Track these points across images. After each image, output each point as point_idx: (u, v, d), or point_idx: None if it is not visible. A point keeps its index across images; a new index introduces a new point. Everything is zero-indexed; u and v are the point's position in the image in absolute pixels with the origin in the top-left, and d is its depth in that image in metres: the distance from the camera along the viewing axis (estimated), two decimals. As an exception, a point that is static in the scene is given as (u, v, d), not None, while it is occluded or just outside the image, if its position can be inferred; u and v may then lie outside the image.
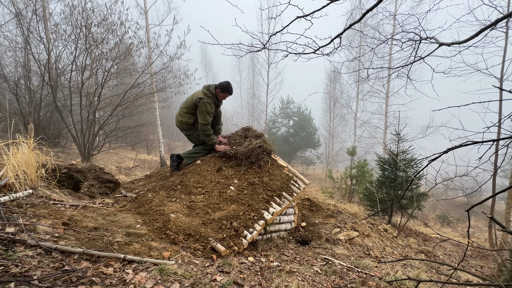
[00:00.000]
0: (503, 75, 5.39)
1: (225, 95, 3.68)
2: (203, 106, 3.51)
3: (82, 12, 6.86)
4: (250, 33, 2.44)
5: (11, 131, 3.49)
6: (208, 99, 3.52)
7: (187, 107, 3.67)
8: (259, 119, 21.75)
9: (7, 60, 9.30)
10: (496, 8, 2.36)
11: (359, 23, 4.09)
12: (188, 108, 3.66)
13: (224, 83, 3.62)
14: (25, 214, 2.22)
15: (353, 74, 13.88)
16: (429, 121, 11.11)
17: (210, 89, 3.60)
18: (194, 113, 3.65)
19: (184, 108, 3.72)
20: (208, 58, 28.65)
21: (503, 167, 6.50)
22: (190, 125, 3.74)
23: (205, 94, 3.55)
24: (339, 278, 2.43)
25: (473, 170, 2.16)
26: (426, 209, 10.02)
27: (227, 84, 3.62)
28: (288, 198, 3.34)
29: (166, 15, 10.03)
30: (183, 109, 3.72)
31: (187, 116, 3.68)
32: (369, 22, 11.09)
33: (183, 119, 3.71)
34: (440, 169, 2.40)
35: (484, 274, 3.63)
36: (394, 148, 5.89)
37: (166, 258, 2.04)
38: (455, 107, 1.91)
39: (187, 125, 3.73)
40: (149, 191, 3.27)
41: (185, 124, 3.73)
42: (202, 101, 3.50)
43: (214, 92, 3.60)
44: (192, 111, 3.65)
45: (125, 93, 7.82)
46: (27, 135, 3.13)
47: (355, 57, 6.63)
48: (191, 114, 3.67)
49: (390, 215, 5.62)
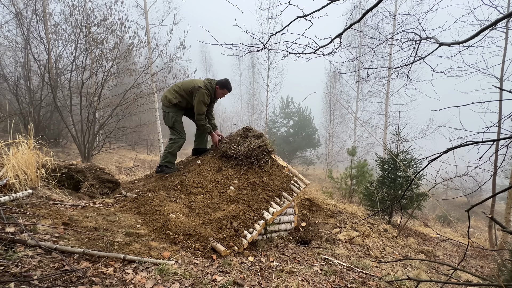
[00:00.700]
0: (503, 75, 5.39)
1: (224, 91, 3.77)
2: (201, 96, 3.57)
3: (82, 12, 6.86)
4: (250, 33, 2.44)
5: (11, 131, 3.49)
6: (207, 91, 3.61)
7: (181, 88, 3.71)
8: (259, 119, 21.74)
9: (7, 60, 9.30)
10: (496, 8, 2.36)
11: (359, 23, 4.08)
12: (181, 89, 3.70)
13: (224, 80, 3.73)
14: (25, 214, 2.22)
15: (353, 74, 13.88)
16: (429, 121, 11.12)
17: (212, 83, 3.71)
18: (183, 96, 3.70)
19: (176, 87, 3.75)
20: (208, 58, 28.65)
21: (503, 167, 6.49)
22: (172, 104, 3.74)
23: (205, 85, 3.64)
24: (339, 278, 2.43)
25: (473, 170, 2.16)
26: (426, 209, 10.02)
27: (226, 81, 3.73)
28: (288, 198, 3.34)
29: (166, 15, 10.03)
30: (175, 87, 3.76)
31: (174, 94, 3.72)
32: (369, 22, 11.08)
33: (169, 95, 3.74)
34: (440, 169, 2.40)
35: (484, 274, 3.63)
36: (394, 148, 5.89)
37: (166, 258, 2.04)
38: (455, 107, 1.91)
39: (169, 102, 3.74)
40: (149, 191, 3.27)
41: (168, 101, 3.74)
42: (201, 91, 3.56)
43: (213, 87, 3.71)
44: (183, 93, 3.70)
45: (125, 93, 7.82)
46: (27, 135, 3.13)
47: (355, 57, 6.63)
48: (179, 95, 3.71)
49: (390, 215, 5.62)
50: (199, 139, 4.13)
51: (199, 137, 4.12)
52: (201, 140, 4.14)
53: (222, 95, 3.80)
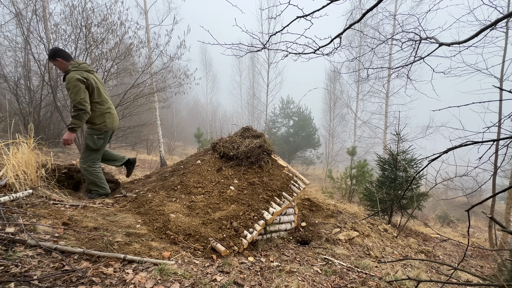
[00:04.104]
0: (503, 75, 5.39)
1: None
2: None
3: (82, 12, 6.87)
4: (250, 33, 2.44)
5: (11, 131, 3.49)
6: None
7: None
8: (259, 119, 21.75)
9: (7, 60, 9.30)
10: (496, 8, 2.35)
11: (359, 23, 4.09)
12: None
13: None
14: (25, 214, 2.22)
15: (353, 74, 13.88)
16: (429, 121, 11.11)
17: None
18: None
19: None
20: (208, 58, 28.65)
21: (503, 167, 6.49)
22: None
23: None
24: (339, 278, 2.42)
25: (473, 170, 2.16)
26: (426, 209, 10.02)
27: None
28: (288, 198, 3.34)
29: (166, 15, 10.03)
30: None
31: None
32: (369, 22, 11.09)
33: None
34: (440, 169, 2.40)
35: (484, 274, 3.63)
36: (394, 148, 5.89)
37: (166, 258, 2.04)
38: (455, 107, 1.91)
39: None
40: (149, 191, 3.27)
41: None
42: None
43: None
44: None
45: (125, 93, 7.82)
46: (27, 135, 3.13)
47: (355, 57, 6.64)
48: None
49: (390, 215, 5.62)
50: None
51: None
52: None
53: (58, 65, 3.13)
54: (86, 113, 3.01)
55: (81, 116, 2.97)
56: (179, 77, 9.34)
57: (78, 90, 2.93)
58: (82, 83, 2.97)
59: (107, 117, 3.24)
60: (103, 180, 3.31)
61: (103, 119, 3.20)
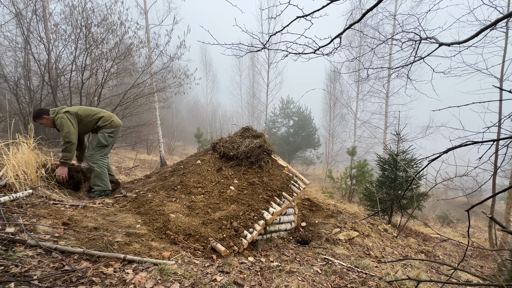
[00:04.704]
0: (503, 75, 5.39)
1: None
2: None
3: (82, 12, 6.86)
4: (250, 33, 2.44)
5: (11, 131, 3.49)
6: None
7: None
8: (259, 119, 21.75)
9: (7, 60, 9.29)
10: (496, 8, 2.35)
11: (359, 23, 4.09)
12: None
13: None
14: (25, 214, 2.22)
15: (353, 74, 13.87)
16: (429, 121, 11.13)
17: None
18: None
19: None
20: (208, 58, 28.65)
21: (503, 167, 6.49)
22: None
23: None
24: (339, 278, 2.42)
25: (473, 170, 2.16)
26: (426, 209, 10.02)
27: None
28: (288, 198, 3.34)
29: (166, 15, 10.03)
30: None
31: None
32: (369, 22, 11.08)
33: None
34: (440, 169, 2.40)
35: (484, 274, 3.63)
36: (394, 148, 5.89)
37: (166, 258, 2.04)
38: (455, 107, 1.91)
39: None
40: (149, 191, 3.27)
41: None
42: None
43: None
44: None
45: (125, 93, 7.82)
46: (27, 135, 3.13)
47: (355, 57, 6.63)
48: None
49: (390, 215, 5.62)
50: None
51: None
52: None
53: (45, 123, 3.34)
54: (73, 144, 3.23)
55: (69, 148, 3.19)
56: (179, 77, 9.33)
57: (63, 125, 3.17)
58: (68, 115, 3.20)
59: (112, 116, 3.61)
60: (107, 175, 3.51)
61: (110, 117, 3.57)
